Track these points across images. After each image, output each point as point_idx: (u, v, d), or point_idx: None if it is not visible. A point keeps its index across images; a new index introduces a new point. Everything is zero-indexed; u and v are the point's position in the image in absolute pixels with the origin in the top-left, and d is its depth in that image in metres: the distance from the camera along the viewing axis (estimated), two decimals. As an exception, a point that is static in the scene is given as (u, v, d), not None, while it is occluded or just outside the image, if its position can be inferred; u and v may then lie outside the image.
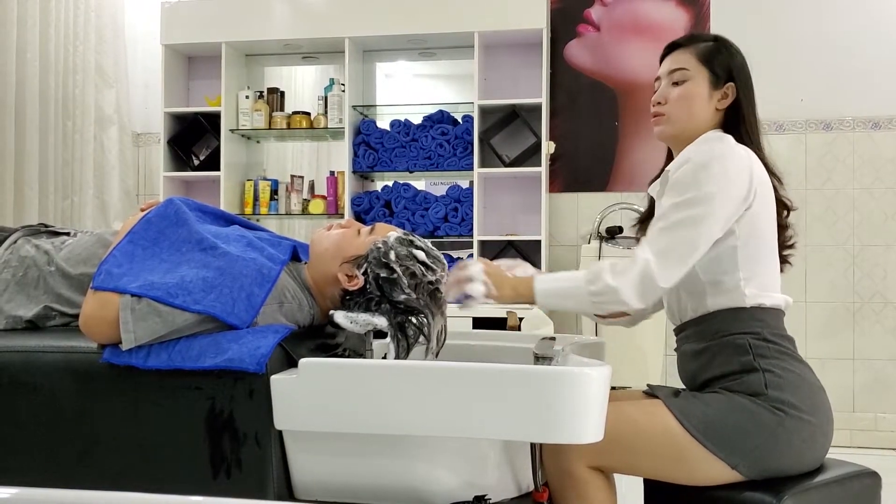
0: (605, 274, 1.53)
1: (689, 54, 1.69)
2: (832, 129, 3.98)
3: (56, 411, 1.43)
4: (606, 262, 1.55)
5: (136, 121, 4.57)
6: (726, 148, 1.60)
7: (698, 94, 1.67)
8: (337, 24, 4.04)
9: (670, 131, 1.70)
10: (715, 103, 1.67)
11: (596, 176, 4.15)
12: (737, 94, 1.67)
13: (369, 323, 1.53)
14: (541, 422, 1.26)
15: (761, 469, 1.53)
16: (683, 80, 1.67)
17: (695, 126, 1.68)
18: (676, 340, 1.74)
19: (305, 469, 1.41)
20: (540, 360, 1.49)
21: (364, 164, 4.09)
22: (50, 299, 1.60)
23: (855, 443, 3.88)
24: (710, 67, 1.67)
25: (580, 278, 1.56)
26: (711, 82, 1.67)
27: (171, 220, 1.56)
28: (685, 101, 1.67)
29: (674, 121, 1.68)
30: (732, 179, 1.56)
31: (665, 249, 1.53)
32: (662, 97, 1.70)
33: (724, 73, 1.67)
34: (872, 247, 3.95)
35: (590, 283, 1.54)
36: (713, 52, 1.69)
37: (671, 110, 1.68)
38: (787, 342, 1.62)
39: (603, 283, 1.53)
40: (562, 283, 1.58)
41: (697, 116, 1.67)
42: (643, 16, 4.11)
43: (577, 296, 1.56)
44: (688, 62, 1.68)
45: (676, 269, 1.53)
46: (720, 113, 1.68)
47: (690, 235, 1.53)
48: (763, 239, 1.63)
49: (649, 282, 1.52)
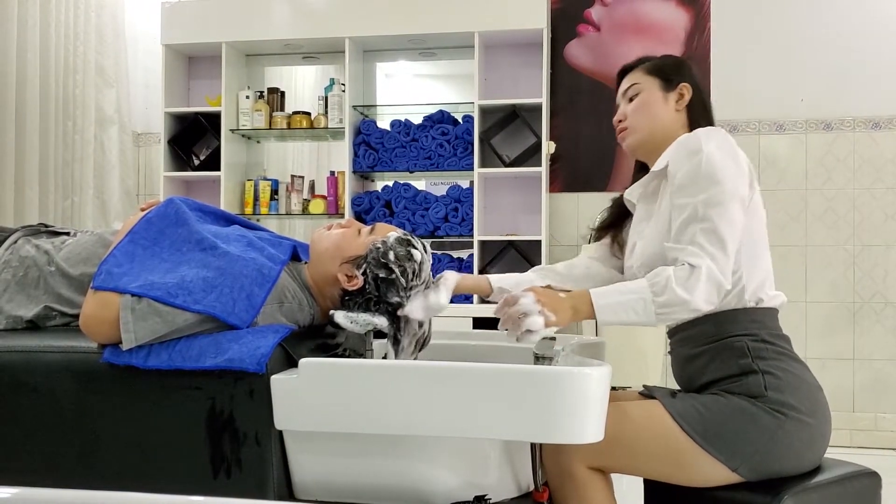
0: (673, 284, 1.48)
1: (638, 72, 1.77)
2: (832, 129, 3.98)
3: (56, 411, 1.43)
4: (669, 271, 1.50)
5: (137, 121, 4.57)
6: (718, 136, 1.62)
7: (652, 99, 1.73)
8: (337, 24, 4.04)
9: (637, 140, 1.74)
10: (673, 105, 1.73)
11: (596, 176, 4.15)
12: (693, 91, 1.72)
13: (369, 323, 1.53)
14: (541, 422, 1.26)
15: (761, 471, 1.53)
16: (637, 94, 1.75)
17: (660, 129, 1.71)
18: (670, 343, 1.73)
19: (305, 469, 1.41)
20: (540, 360, 1.49)
21: (364, 164, 4.09)
22: (50, 299, 1.60)
23: (855, 443, 3.88)
24: (660, 75, 1.74)
25: (644, 289, 1.50)
26: (663, 87, 1.73)
27: (171, 219, 1.56)
28: (642, 108, 1.73)
29: (637, 130, 1.74)
30: (738, 161, 1.59)
31: (718, 248, 1.51)
32: (622, 115, 1.78)
33: (675, 76, 1.74)
34: (873, 247, 3.95)
35: (656, 294, 1.49)
36: (660, 63, 1.77)
37: (632, 122, 1.74)
38: (784, 342, 1.62)
39: (672, 293, 1.47)
40: (625, 297, 1.51)
41: (659, 119, 1.72)
42: (644, 16, 4.11)
43: (641, 308, 1.50)
44: (637, 78, 1.76)
45: (729, 263, 1.53)
46: (682, 113, 1.73)
47: (729, 227, 1.53)
48: (758, 234, 1.63)
49: (717, 285, 1.50)
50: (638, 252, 1.68)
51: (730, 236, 1.52)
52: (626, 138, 1.76)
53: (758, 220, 1.63)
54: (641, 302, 1.49)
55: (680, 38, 4.09)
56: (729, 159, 1.57)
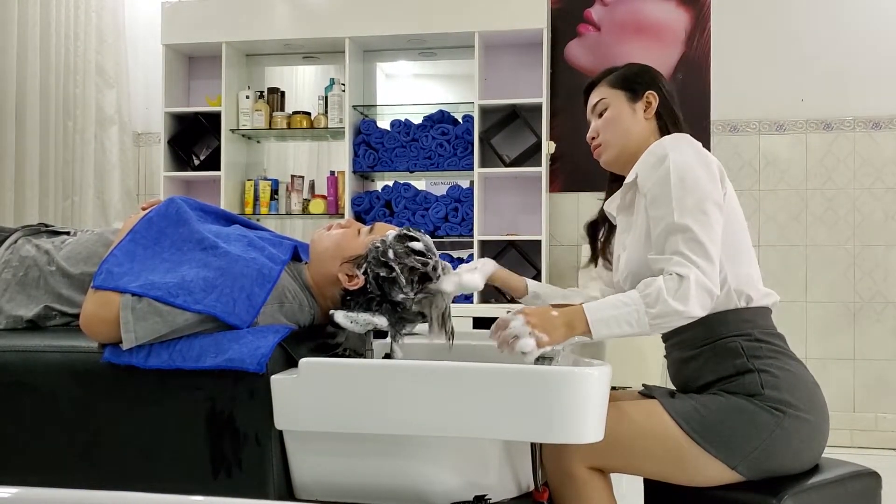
0: (665, 295, 1.47)
1: (603, 86, 1.79)
2: (833, 129, 3.98)
3: (56, 411, 1.43)
4: (659, 282, 1.49)
5: (137, 121, 4.57)
6: (683, 142, 1.63)
7: (621, 113, 1.74)
8: (337, 24, 4.04)
9: (612, 155, 1.77)
10: (642, 115, 1.74)
11: (596, 176, 4.09)
12: (659, 98, 1.73)
13: (369, 323, 1.53)
14: (541, 422, 1.26)
15: (761, 469, 1.53)
16: (604, 109, 1.76)
17: (633, 142, 1.72)
18: (665, 347, 1.74)
19: (306, 469, 1.41)
20: (540, 360, 1.49)
21: (364, 163, 4.09)
22: (50, 299, 1.60)
23: (855, 443, 3.88)
24: (624, 86, 1.76)
25: (636, 301, 1.49)
26: (629, 98, 1.75)
27: (172, 219, 1.56)
28: (611, 123, 1.75)
29: (611, 145, 1.76)
30: (707, 164, 1.59)
31: (702, 257, 1.50)
32: (594, 131, 1.79)
33: (640, 85, 1.75)
34: (873, 247, 3.95)
35: (649, 306, 1.48)
36: (622, 75, 1.78)
37: (604, 138, 1.76)
38: (779, 340, 1.62)
39: (665, 305, 1.47)
40: (619, 311, 1.50)
41: (631, 131, 1.73)
42: (644, 16, 4.11)
43: (635, 320, 1.49)
44: (604, 93, 1.78)
45: (715, 268, 1.52)
46: (652, 121, 1.74)
47: (708, 232, 1.53)
48: (736, 234, 1.63)
49: (707, 292, 1.49)
50: (622, 264, 1.69)
51: (710, 241, 1.52)
52: (602, 155, 1.79)
53: (734, 220, 1.63)
54: (636, 314, 1.49)
55: (680, 37, 4.09)
56: (696, 164, 1.58)
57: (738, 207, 1.67)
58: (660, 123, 1.74)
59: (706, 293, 1.49)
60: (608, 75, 1.80)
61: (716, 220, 1.54)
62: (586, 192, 4.15)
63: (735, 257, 1.61)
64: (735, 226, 1.63)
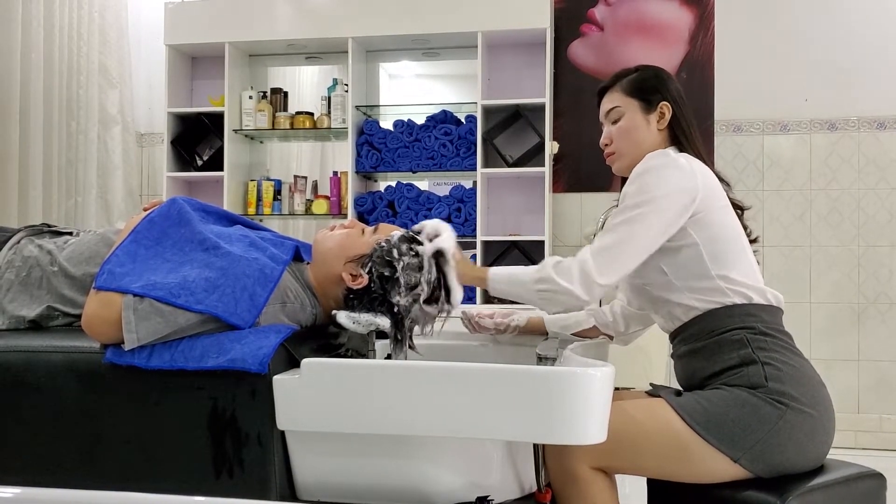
0: (550, 270, 1.61)
1: (617, 92, 1.81)
2: (837, 129, 3.96)
3: (58, 411, 1.43)
4: (553, 259, 1.64)
5: (140, 121, 4.57)
6: (667, 160, 1.68)
7: (635, 124, 1.77)
8: (340, 24, 4.04)
9: (624, 164, 1.80)
10: (655, 125, 1.77)
11: (599, 176, 4.14)
12: (673, 109, 1.76)
13: (372, 323, 1.53)
14: (544, 422, 1.25)
15: (764, 463, 1.53)
16: (619, 117, 1.79)
17: (645, 151, 1.75)
18: (672, 345, 1.75)
19: (308, 469, 1.41)
20: (543, 361, 1.48)
21: (367, 164, 4.09)
22: (53, 299, 1.60)
23: (860, 444, 3.87)
24: (638, 96, 1.78)
25: (531, 272, 1.65)
26: (643, 109, 1.77)
27: (174, 219, 1.55)
28: (626, 133, 1.78)
29: (624, 154, 1.79)
30: (671, 185, 1.63)
31: (602, 248, 1.61)
32: (608, 138, 1.82)
33: (654, 95, 1.77)
34: (877, 247, 3.93)
35: (538, 280, 1.62)
36: (637, 82, 1.80)
37: (618, 146, 1.80)
38: (785, 336, 1.64)
39: (550, 279, 1.61)
40: (514, 270, 1.69)
41: (643, 142, 1.77)
42: (647, 15, 4.10)
43: (524, 284, 1.65)
44: (618, 100, 1.80)
45: (613, 265, 1.60)
46: (664, 132, 1.77)
47: (627, 234, 1.60)
48: (726, 240, 1.66)
49: (588, 278, 1.59)
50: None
51: (624, 241, 1.60)
52: (614, 162, 1.82)
53: (721, 226, 1.66)
54: (526, 278, 1.65)
55: (684, 37, 4.08)
56: (664, 180, 1.62)
57: (730, 219, 1.70)
58: (671, 133, 1.77)
59: (588, 279, 1.59)
60: (621, 79, 1.81)
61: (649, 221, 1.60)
62: (589, 193, 4.15)
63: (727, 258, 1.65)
64: (723, 226, 1.67)
